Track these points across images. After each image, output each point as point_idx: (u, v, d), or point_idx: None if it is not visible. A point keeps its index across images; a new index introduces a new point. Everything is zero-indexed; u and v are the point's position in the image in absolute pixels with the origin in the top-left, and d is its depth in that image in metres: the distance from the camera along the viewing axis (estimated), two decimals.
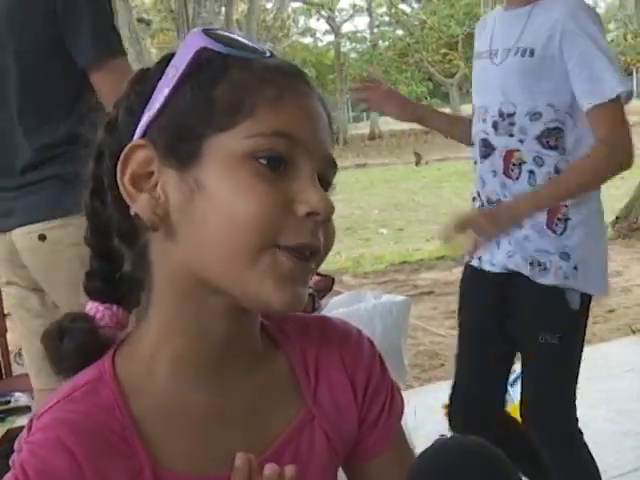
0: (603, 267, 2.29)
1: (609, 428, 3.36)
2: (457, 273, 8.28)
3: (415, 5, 40.98)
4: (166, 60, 0.82)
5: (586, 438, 3.29)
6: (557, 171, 2.11)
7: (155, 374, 0.82)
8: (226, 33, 0.83)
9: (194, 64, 0.79)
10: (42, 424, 0.79)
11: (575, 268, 2.14)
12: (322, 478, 0.90)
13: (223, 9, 14.05)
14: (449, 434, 3.13)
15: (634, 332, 4.90)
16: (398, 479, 0.92)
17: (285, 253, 0.77)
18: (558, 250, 2.14)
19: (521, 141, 2.12)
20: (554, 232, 2.13)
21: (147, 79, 0.83)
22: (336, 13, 39.75)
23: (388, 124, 49.48)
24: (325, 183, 0.82)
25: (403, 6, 40.62)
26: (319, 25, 45.06)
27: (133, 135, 0.80)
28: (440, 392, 3.87)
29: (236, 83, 0.78)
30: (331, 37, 42.46)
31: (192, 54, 0.79)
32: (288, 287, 0.77)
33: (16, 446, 0.81)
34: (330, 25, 40.20)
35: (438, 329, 5.75)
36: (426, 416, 3.52)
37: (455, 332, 5.91)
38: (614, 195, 13.57)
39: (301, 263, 0.78)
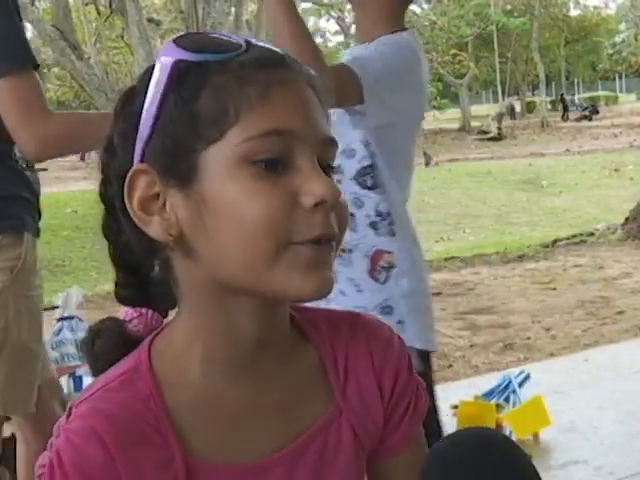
0: (430, 319, 1.99)
1: (618, 429, 3.36)
2: (466, 274, 8.28)
3: (425, 6, 40.92)
4: (148, 74, 0.82)
5: (595, 439, 3.29)
6: (379, 214, 1.90)
7: (188, 369, 0.83)
8: (197, 38, 0.82)
9: (172, 79, 0.79)
10: (79, 412, 0.81)
11: (400, 322, 1.86)
12: (348, 472, 0.90)
13: (233, 9, 14.05)
14: None
15: None
16: (413, 479, 0.93)
17: (303, 246, 0.77)
18: (379, 304, 1.87)
19: (339, 182, 1.85)
20: (377, 281, 1.88)
21: (135, 98, 0.82)
22: (346, 14, 39.72)
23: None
24: (326, 164, 0.82)
25: (413, 7, 40.56)
26: (329, 25, 45.18)
27: (132, 157, 0.81)
28: (448, 393, 3.87)
29: (216, 90, 0.78)
30: (341, 37, 42.48)
31: (168, 70, 0.79)
32: (314, 275, 0.78)
33: (55, 430, 0.83)
34: (340, 26, 40.21)
35: (446, 330, 5.75)
36: None
37: (464, 333, 5.90)
38: (623, 196, 13.56)
39: (321, 247, 0.78)
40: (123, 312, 0.91)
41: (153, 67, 0.82)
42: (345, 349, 0.91)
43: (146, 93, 0.80)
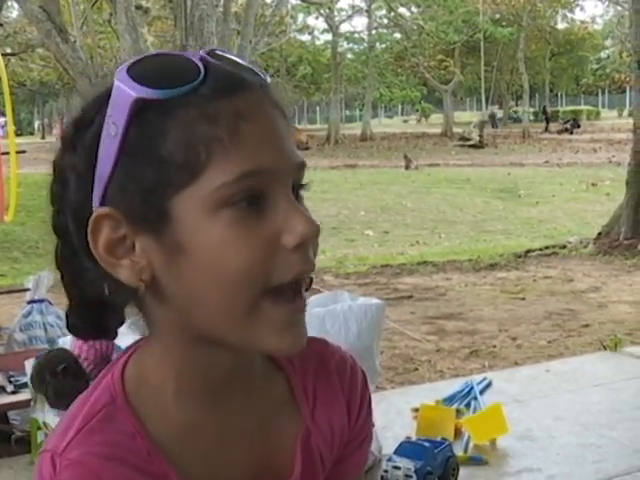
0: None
1: (573, 440, 3.43)
2: (437, 279, 8.35)
3: (414, 9, 41.02)
4: (99, 103, 0.76)
5: (550, 448, 3.37)
6: None
7: (163, 400, 0.82)
8: (153, 67, 0.75)
9: (133, 119, 0.73)
10: (69, 461, 0.77)
11: None
12: None
13: (222, 1, 14.02)
14: (415, 437, 3.18)
15: (605, 348, 4.98)
16: None
17: (280, 298, 0.75)
18: None
19: None
20: None
21: (86, 131, 0.76)
22: (335, 12, 39.74)
23: (380, 126, 49.52)
24: (298, 187, 0.80)
25: (402, 10, 40.66)
26: (317, 23, 45.11)
27: (90, 195, 0.75)
28: (410, 396, 3.94)
29: (184, 130, 0.72)
30: (329, 36, 42.46)
31: (128, 109, 0.72)
32: (290, 331, 0.77)
33: None
34: (328, 24, 40.20)
35: (414, 333, 5.81)
36: (395, 418, 3.57)
37: (432, 337, 5.97)
38: (598, 211, 13.71)
39: (297, 301, 0.77)
40: (76, 347, 0.87)
41: (103, 96, 0.76)
42: (314, 375, 0.93)
43: (98, 127, 0.75)
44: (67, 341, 3.34)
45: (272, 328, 0.75)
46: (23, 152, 5.61)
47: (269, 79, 0.80)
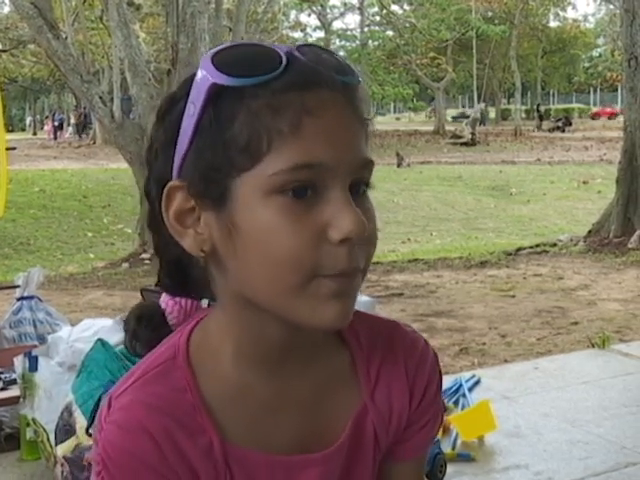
0: None
1: (560, 437, 3.45)
2: (428, 277, 8.36)
3: (406, 7, 41.03)
4: (188, 84, 0.81)
5: (538, 445, 3.39)
6: None
7: (221, 361, 0.86)
8: (236, 55, 0.80)
9: (209, 102, 0.78)
10: (121, 404, 0.83)
11: None
12: (370, 473, 0.95)
13: None
14: None
15: (593, 345, 5.00)
16: None
17: (327, 278, 0.78)
18: None
19: None
20: None
21: (174, 107, 0.83)
22: (327, 10, 39.73)
23: (372, 124, 49.38)
24: (362, 185, 0.83)
25: (394, 7, 40.67)
26: (310, 20, 45.19)
27: (171, 167, 0.82)
28: None
29: (250, 117, 0.77)
30: (321, 33, 42.46)
31: (204, 92, 0.78)
32: (336, 305, 0.79)
33: (97, 422, 0.85)
34: (321, 21, 40.19)
35: None
36: None
37: (422, 335, 6.01)
38: (589, 208, 13.76)
39: (346, 280, 0.79)
40: (163, 302, 0.94)
41: (193, 76, 0.81)
42: (380, 358, 0.94)
43: (184, 105, 0.80)
44: (57, 337, 3.34)
45: (318, 301, 0.79)
46: (13, 149, 5.60)
47: (358, 79, 0.84)
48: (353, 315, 0.88)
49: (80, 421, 2.62)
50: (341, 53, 43.92)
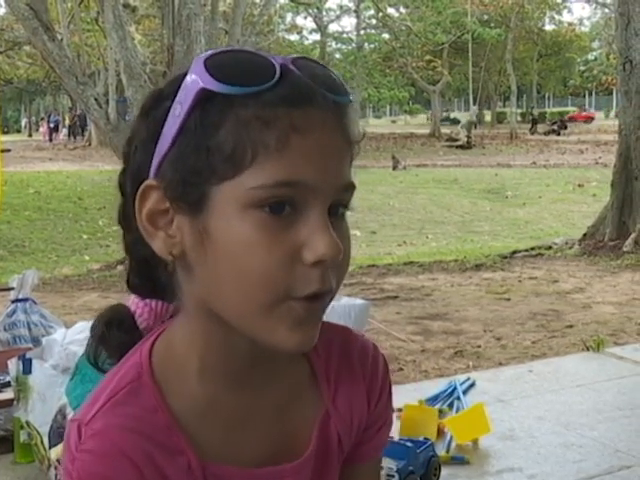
0: None
1: (555, 440, 3.46)
2: (423, 280, 8.35)
3: (402, 10, 41.07)
4: (177, 82, 0.80)
5: (532, 448, 3.39)
6: None
7: (187, 377, 0.85)
8: (229, 61, 0.78)
9: (197, 105, 0.77)
10: (94, 431, 0.80)
11: None
12: (334, 476, 0.96)
13: (210, 0, 14.00)
14: (397, 437, 3.20)
15: (588, 348, 5.01)
16: None
17: (298, 302, 0.78)
18: None
19: None
20: None
21: (160, 103, 0.81)
22: (323, 12, 39.75)
23: (369, 127, 49.52)
24: (341, 207, 0.81)
25: (390, 10, 40.70)
26: (306, 23, 45.13)
27: (149, 164, 0.81)
28: (394, 396, 3.95)
29: (237, 127, 0.76)
30: (317, 36, 42.51)
31: (193, 95, 0.77)
32: (301, 330, 0.79)
33: (66, 456, 0.83)
34: (317, 24, 40.22)
35: (400, 334, 5.82)
36: None
37: (417, 337, 5.98)
38: (584, 212, 13.78)
39: (316, 304, 0.79)
40: (133, 304, 0.91)
41: (182, 76, 0.80)
42: (337, 362, 0.95)
43: (171, 103, 0.79)
44: (51, 340, 3.34)
45: (285, 324, 0.78)
46: (8, 151, 5.59)
47: (349, 99, 0.83)
48: None
49: None
50: (337, 56, 44.01)
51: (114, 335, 0.89)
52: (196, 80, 0.77)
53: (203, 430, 0.85)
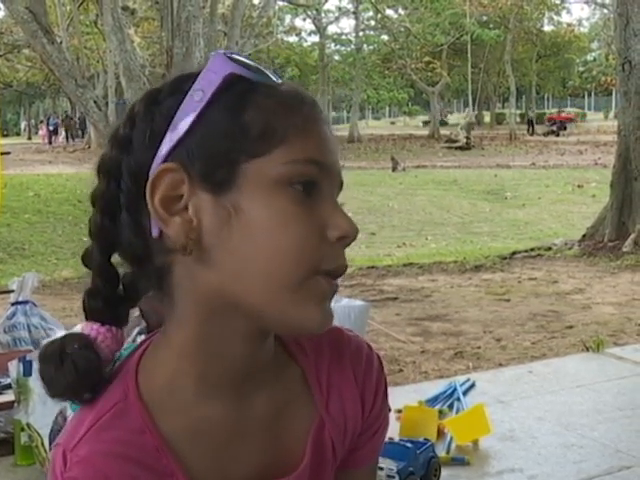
0: None
1: (555, 440, 3.46)
2: (423, 281, 8.35)
3: (401, 11, 41.09)
4: (180, 81, 0.82)
5: (532, 449, 3.39)
6: None
7: (177, 394, 0.83)
8: (247, 60, 0.83)
9: (223, 89, 0.79)
10: (79, 457, 0.79)
11: None
12: None
13: (209, 1, 14.01)
14: (397, 438, 3.20)
15: (588, 349, 5.01)
16: None
17: (325, 276, 0.79)
18: None
19: None
20: None
21: (164, 100, 0.82)
22: (322, 14, 39.77)
23: (368, 128, 49.54)
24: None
25: (389, 12, 40.72)
26: (305, 25, 45.17)
27: (153, 156, 0.80)
28: (395, 397, 3.94)
29: (265, 109, 0.79)
30: (316, 38, 42.50)
31: (220, 79, 0.79)
32: (325, 307, 0.80)
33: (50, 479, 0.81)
34: (316, 25, 40.22)
35: (399, 335, 5.83)
36: None
37: (417, 339, 5.98)
38: (584, 212, 13.78)
39: (335, 282, 0.81)
40: (94, 330, 0.84)
41: (188, 76, 0.82)
42: (328, 365, 0.93)
43: (181, 97, 0.80)
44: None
45: (314, 302, 0.79)
46: (7, 153, 5.59)
47: None
48: None
49: None
50: (336, 57, 43.97)
51: (74, 369, 0.81)
52: (221, 67, 0.80)
53: (194, 449, 0.83)
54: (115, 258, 0.86)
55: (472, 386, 4.15)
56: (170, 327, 0.83)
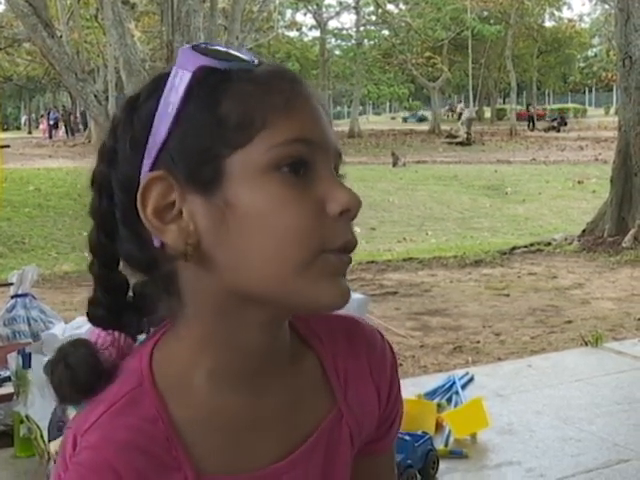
0: None
1: (553, 434, 3.47)
2: (423, 276, 8.36)
3: (402, 6, 41.04)
4: (155, 83, 0.80)
5: (530, 442, 3.40)
6: None
7: (192, 384, 0.82)
8: (215, 47, 0.81)
9: (194, 85, 0.77)
10: (88, 443, 0.78)
11: None
12: (345, 473, 0.94)
13: None
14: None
15: (586, 344, 5.02)
16: (392, 475, 1.02)
17: (332, 253, 0.78)
18: None
19: None
20: None
21: (142, 105, 0.80)
22: (323, 9, 39.72)
23: (368, 123, 49.53)
24: (337, 175, 0.83)
25: (389, 7, 40.66)
26: (305, 19, 45.15)
27: (139, 166, 0.79)
28: None
29: (241, 97, 0.77)
30: (317, 33, 42.46)
31: (190, 75, 0.77)
32: (339, 283, 0.79)
33: (59, 462, 0.81)
34: (316, 20, 40.19)
35: (399, 329, 5.84)
36: None
37: (416, 333, 5.98)
38: (584, 208, 13.78)
39: (345, 257, 0.79)
40: (95, 335, 0.86)
41: (162, 76, 0.80)
42: (344, 355, 0.92)
43: (158, 99, 0.78)
44: (50, 335, 3.35)
45: (325, 278, 0.77)
46: (7, 147, 5.59)
47: None
48: (308, 318, 0.90)
49: None
50: (337, 52, 43.93)
51: (70, 370, 0.83)
52: (189, 61, 0.78)
53: (206, 441, 0.82)
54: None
55: (471, 380, 4.16)
56: (182, 324, 0.83)
